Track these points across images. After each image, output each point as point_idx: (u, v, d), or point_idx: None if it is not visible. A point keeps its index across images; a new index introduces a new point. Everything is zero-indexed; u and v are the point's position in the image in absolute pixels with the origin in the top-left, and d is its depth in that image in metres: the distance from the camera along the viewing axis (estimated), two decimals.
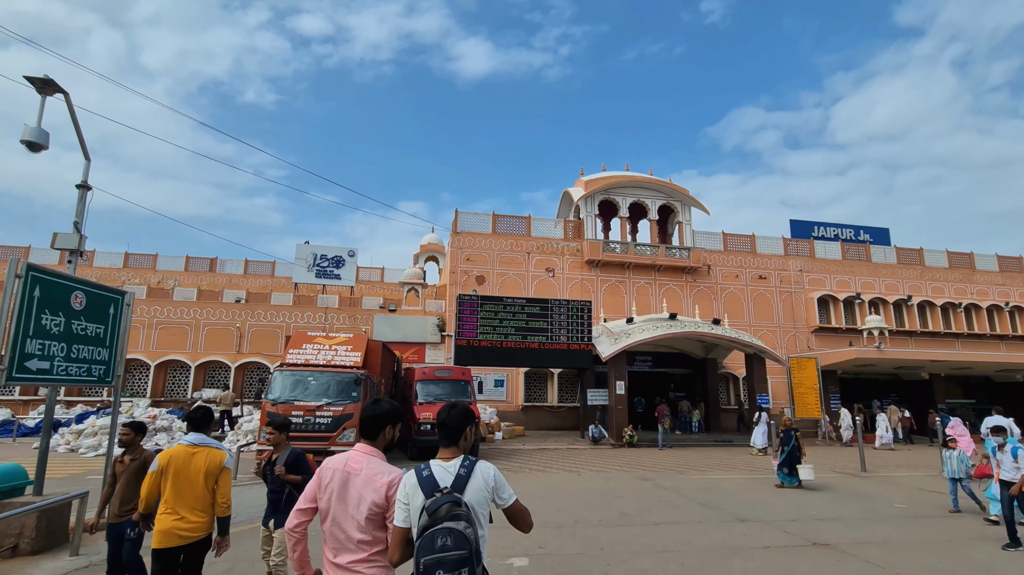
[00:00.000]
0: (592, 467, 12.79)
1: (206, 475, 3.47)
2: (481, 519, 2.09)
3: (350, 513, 2.26)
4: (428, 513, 1.96)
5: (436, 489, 2.04)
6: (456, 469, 2.15)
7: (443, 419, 2.27)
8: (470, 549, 1.90)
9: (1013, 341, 27.11)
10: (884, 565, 5.63)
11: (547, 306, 18.42)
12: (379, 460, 2.36)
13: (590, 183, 24.32)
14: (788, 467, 10.33)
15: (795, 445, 10.43)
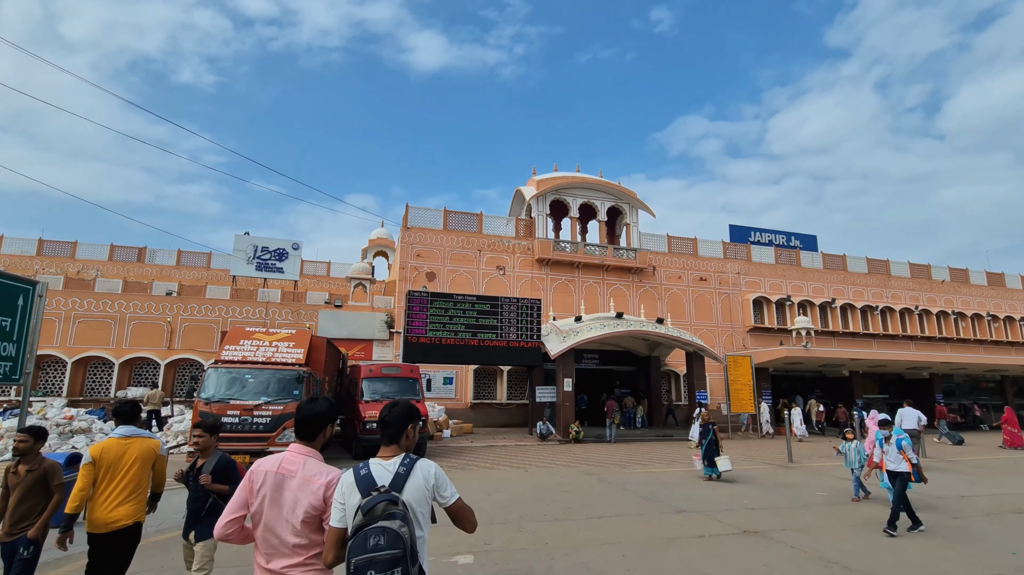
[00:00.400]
0: (539, 463, 12.95)
1: (142, 463, 3.67)
2: (420, 518, 2.06)
3: (284, 517, 2.17)
4: (363, 512, 1.92)
5: (373, 488, 2.00)
6: (395, 467, 2.11)
7: (384, 417, 2.23)
8: (404, 548, 1.87)
9: (921, 341, 29.73)
10: (807, 549, 6.03)
11: (498, 304, 18.47)
12: (316, 461, 2.28)
13: (542, 183, 24.56)
14: (708, 459, 10.71)
15: (712, 439, 10.78)
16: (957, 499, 9.15)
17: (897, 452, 7.19)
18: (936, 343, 29.94)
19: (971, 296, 32.83)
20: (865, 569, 5.38)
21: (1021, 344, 31.93)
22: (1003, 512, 8.14)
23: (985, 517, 7.80)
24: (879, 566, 5.49)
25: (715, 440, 10.81)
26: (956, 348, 30.15)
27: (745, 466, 12.99)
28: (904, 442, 7.23)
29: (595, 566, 5.37)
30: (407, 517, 1.96)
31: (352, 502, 2.01)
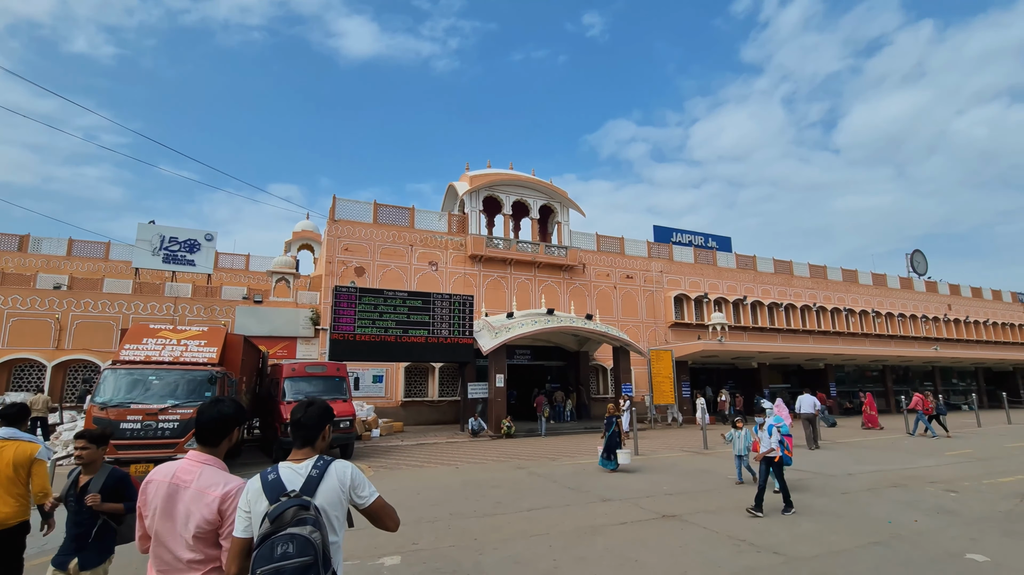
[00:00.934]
0: (470, 459, 12.93)
1: (15, 467, 3.52)
2: (334, 523, 1.98)
3: (178, 531, 1.99)
4: (270, 519, 1.81)
5: (282, 493, 1.89)
6: (307, 470, 2.01)
7: (299, 418, 2.11)
8: (315, 555, 1.78)
9: (818, 335, 32.82)
10: (718, 530, 6.47)
11: (429, 300, 18.21)
12: (215, 469, 2.12)
13: (475, 179, 24.49)
14: (608, 452, 10.79)
15: (615, 431, 10.84)
16: (845, 476, 10.20)
17: (768, 437, 7.64)
18: (830, 336, 33.17)
19: (859, 294, 36.67)
20: (767, 544, 5.86)
21: (899, 337, 36.12)
22: (882, 486, 9.17)
23: (867, 491, 8.75)
24: (779, 540, 6.00)
25: (617, 433, 10.88)
26: (847, 341, 33.55)
27: (665, 454, 13.73)
28: (773, 428, 7.69)
29: (523, 558, 5.45)
30: (319, 522, 1.87)
31: (259, 509, 1.89)
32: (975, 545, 5.74)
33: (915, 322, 37.59)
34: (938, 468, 11.05)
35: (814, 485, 9.32)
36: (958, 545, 5.75)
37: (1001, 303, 45.75)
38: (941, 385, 35.05)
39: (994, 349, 39.48)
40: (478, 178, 24.57)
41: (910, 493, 8.56)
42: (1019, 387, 37.23)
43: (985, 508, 7.48)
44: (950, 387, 36.25)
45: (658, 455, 13.59)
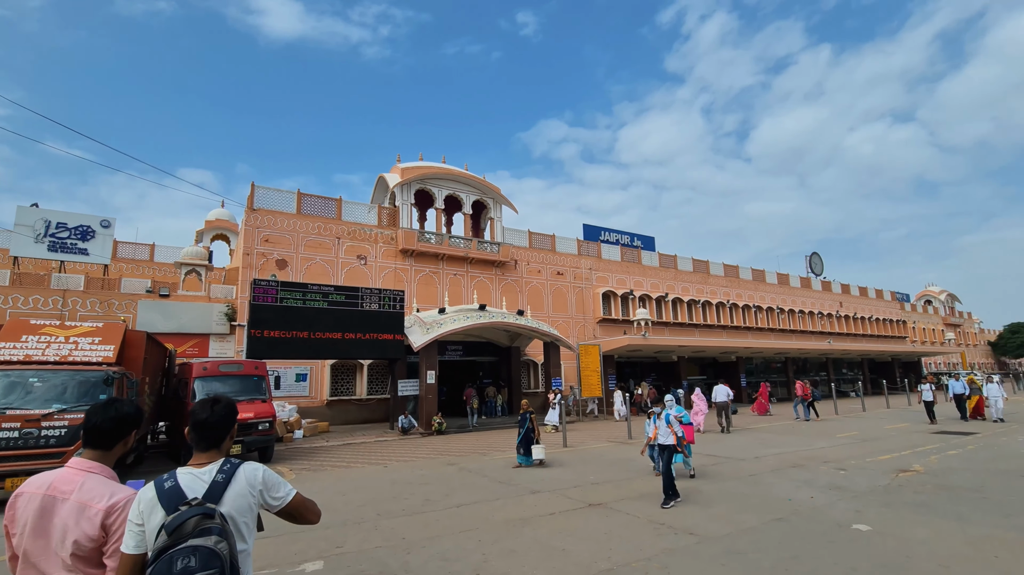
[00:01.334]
0: (400, 457, 12.66)
1: None
2: (243, 530, 1.83)
3: (53, 550, 1.75)
4: (168, 531, 1.64)
5: (182, 502, 1.72)
6: (212, 475, 1.84)
7: (204, 418, 1.93)
8: (222, 566, 1.64)
9: (732, 330, 35.31)
10: (640, 515, 6.77)
11: (358, 295, 17.57)
12: (101, 478, 1.90)
13: (407, 171, 23.93)
14: (524, 448, 10.69)
15: (529, 427, 10.73)
16: (753, 459, 11.04)
17: (666, 426, 7.83)
18: (741, 331, 35.80)
19: (766, 292, 39.85)
20: (685, 526, 6.21)
21: (799, 332, 39.67)
22: (784, 467, 10.03)
23: (772, 473, 9.52)
24: (695, 522, 6.38)
25: (532, 428, 10.75)
26: (755, 336, 36.36)
27: (593, 445, 14.18)
28: (671, 416, 7.94)
29: (452, 554, 5.40)
30: (226, 531, 1.72)
31: (154, 522, 1.70)
32: (860, 516, 6.41)
33: (812, 318, 41.44)
34: (831, 449, 12.25)
35: (727, 468, 10.01)
36: (846, 517, 6.40)
37: (883, 301, 51.58)
38: (833, 375, 38.94)
39: (876, 342, 44.43)
40: (410, 170, 24.02)
41: (808, 472, 9.42)
42: (896, 376, 42.20)
43: (869, 483, 8.38)
44: (841, 376, 40.35)
45: (586, 446, 14.01)
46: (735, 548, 5.36)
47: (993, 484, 8.06)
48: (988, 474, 8.86)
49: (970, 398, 18.45)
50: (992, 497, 7.22)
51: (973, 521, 6.09)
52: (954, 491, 7.66)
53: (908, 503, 7.02)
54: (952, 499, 7.18)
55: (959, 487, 7.91)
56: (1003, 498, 7.15)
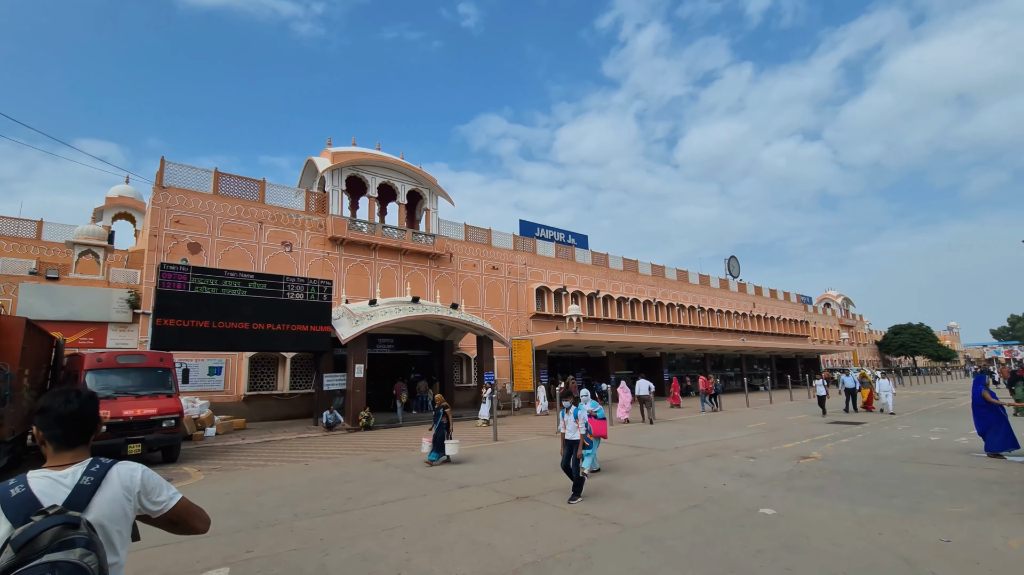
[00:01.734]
0: (323, 454, 12.09)
1: None
2: (115, 541, 1.58)
3: None
4: (15, 547, 1.37)
5: (35, 510, 1.45)
6: (76, 479, 1.58)
7: (69, 410, 1.65)
8: None
9: (657, 327, 36.98)
10: (566, 507, 6.86)
11: (281, 283, 16.58)
12: None
13: (338, 155, 22.88)
14: (436, 443, 10.28)
15: (443, 422, 10.36)
16: (673, 450, 11.58)
17: (574, 421, 7.54)
18: (665, 328, 37.60)
19: (689, 292, 42.11)
20: (608, 516, 6.36)
21: (717, 330, 42.29)
22: (701, 457, 10.58)
23: (689, 462, 10.02)
24: (618, 512, 6.55)
25: (446, 424, 10.42)
26: (678, 333, 38.34)
27: (524, 438, 14.28)
28: (580, 411, 7.64)
29: (374, 554, 5.18)
30: (94, 542, 1.47)
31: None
32: (766, 501, 6.86)
33: (729, 317, 44.32)
34: (743, 439, 13.11)
35: (649, 459, 10.41)
36: (754, 502, 6.83)
37: (789, 303, 56.16)
38: (746, 370, 41.95)
39: (783, 340, 48.31)
40: (342, 155, 22.99)
41: (721, 461, 10.00)
42: (798, 371, 46.14)
43: (774, 470, 9.03)
44: (752, 372, 43.56)
45: (516, 440, 14.09)
46: (654, 535, 5.55)
47: (878, 469, 8.94)
48: (874, 460, 9.83)
49: (861, 392, 20.48)
50: (877, 480, 8.00)
51: (861, 502, 6.70)
52: (846, 476, 8.42)
53: (808, 488, 7.61)
54: (844, 483, 7.87)
55: (850, 472, 8.70)
56: (886, 481, 7.94)
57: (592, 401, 8.97)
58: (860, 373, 22.07)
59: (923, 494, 7.04)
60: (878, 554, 4.81)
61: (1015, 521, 5.71)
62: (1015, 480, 7.72)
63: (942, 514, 6.07)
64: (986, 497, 6.79)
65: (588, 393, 9.35)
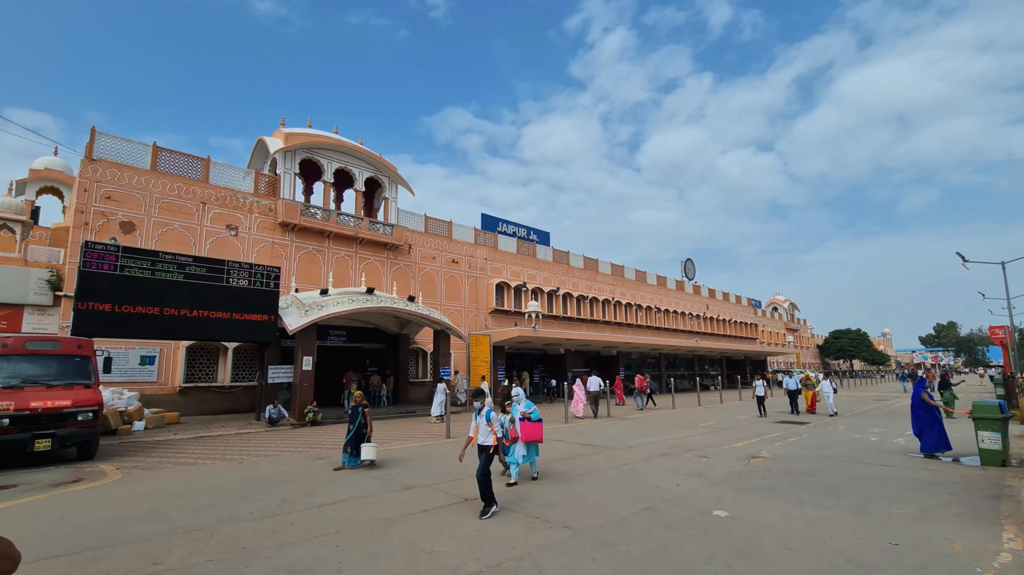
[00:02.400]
0: (262, 451, 11.34)
1: None
2: None
3: None
4: None
5: None
6: None
7: None
8: None
9: (614, 326, 37.37)
10: (516, 509, 6.54)
11: (223, 268, 15.54)
12: None
13: (292, 136, 21.74)
14: (353, 447, 9.18)
15: (362, 423, 9.38)
16: (626, 448, 11.49)
17: (486, 424, 6.82)
18: (623, 327, 38.06)
19: (647, 292, 42.81)
20: (559, 519, 6.08)
21: (672, 330, 43.20)
22: (654, 456, 10.52)
23: (643, 461, 9.92)
24: (569, 514, 6.29)
25: (365, 424, 9.40)
26: (635, 332, 38.89)
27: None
28: (491, 413, 6.87)
29: (301, 564, 4.69)
30: None
31: None
32: (718, 503, 6.77)
33: (684, 318, 45.38)
34: (695, 437, 13.21)
35: (603, 458, 10.25)
36: (707, 503, 6.72)
37: (740, 306, 58.15)
38: (698, 370, 43.09)
39: (734, 342, 49.93)
40: (296, 136, 21.86)
41: (675, 460, 9.95)
42: (747, 372, 47.81)
43: (726, 470, 9.02)
44: (704, 372, 44.80)
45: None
46: (606, 540, 5.30)
47: (824, 468, 9.09)
48: (820, 459, 10.02)
49: (805, 394, 21.14)
50: (824, 480, 8.09)
51: (810, 503, 6.70)
52: (794, 476, 8.49)
53: (758, 488, 7.60)
54: (793, 483, 7.91)
55: (798, 472, 8.80)
56: (832, 482, 8.04)
57: (527, 401, 8.24)
58: (804, 375, 22.82)
59: (868, 494, 7.13)
60: (830, 559, 4.72)
61: (955, 523, 5.80)
62: (950, 481, 7.98)
63: (887, 515, 6.12)
64: (926, 498, 6.94)
65: (521, 393, 8.83)
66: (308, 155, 22.18)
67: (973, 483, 7.77)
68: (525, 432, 8.06)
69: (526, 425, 8.12)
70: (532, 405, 8.12)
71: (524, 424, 8.11)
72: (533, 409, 8.24)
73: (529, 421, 8.18)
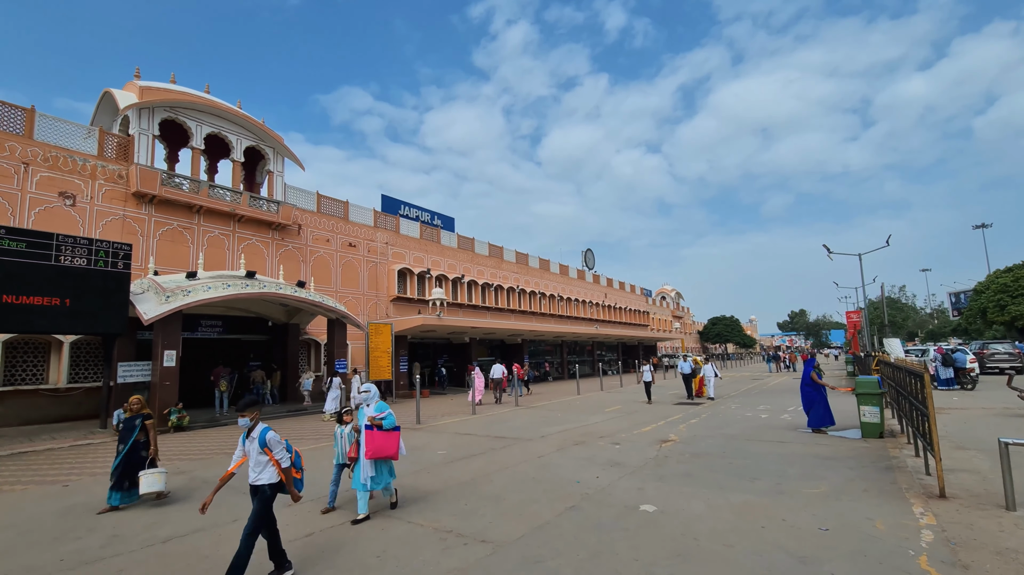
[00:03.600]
0: (100, 470, 9.16)
1: None
2: None
3: None
4: None
5: None
6: None
7: None
8: None
9: (519, 314, 37.31)
10: (423, 522, 5.58)
11: (50, 243, 12.53)
12: None
13: (150, 91, 18.31)
14: (126, 476, 6.63)
15: (141, 441, 6.90)
16: (539, 439, 10.95)
17: (259, 452, 4.33)
18: (527, 316, 38.16)
19: (550, 281, 43.39)
20: (475, 531, 5.24)
21: (574, 318, 44.30)
22: (568, 446, 10.07)
23: (558, 452, 9.41)
24: (485, 524, 5.47)
25: (144, 444, 6.92)
26: (539, 320, 39.20)
27: None
28: (270, 434, 4.37)
29: None
30: None
31: None
32: (643, 495, 6.35)
33: (584, 306, 46.77)
34: (604, 423, 13.08)
35: (516, 451, 9.58)
36: (631, 497, 6.27)
37: (634, 295, 61.48)
38: (597, 355, 44.73)
39: (629, 329, 52.58)
40: (154, 91, 18.45)
41: (589, 449, 9.57)
42: (640, 356, 50.64)
43: (640, 457, 8.78)
44: (601, 357, 46.62)
45: None
46: (533, 554, 4.55)
47: (731, 448, 9.21)
48: (723, 439, 10.23)
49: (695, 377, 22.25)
50: (735, 462, 8.10)
51: (730, 488, 6.53)
52: (706, 458, 8.44)
53: (677, 475, 7.35)
54: (708, 467, 7.80)
55: (709, 454, 8.79)
56: (742, 462, 8.07)
57: (379, 403, 6.09)
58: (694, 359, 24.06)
59: (779, 474, 7.17)
60: (770, 554, 4.38)
61: (866, 499, 5.86)
62: (844, 455, 8.38)
63: (804, 496, 6.07)
64: (831, 474, 7.11)
65: (375, 390, 6.16)
66: (171, 115, 18.84)
67: (864, 456, 8.22)
68: (372, 445, 5.73)
69: (375, 435, 5.78)
70: (386, 407, 6.01)
71: (372, 434, 5.78)
72: (387, 413, 5.91)
73: (380, 430, 5.83)
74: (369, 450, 5.74)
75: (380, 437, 5.82)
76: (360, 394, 6.43)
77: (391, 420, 5.97)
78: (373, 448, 5.75)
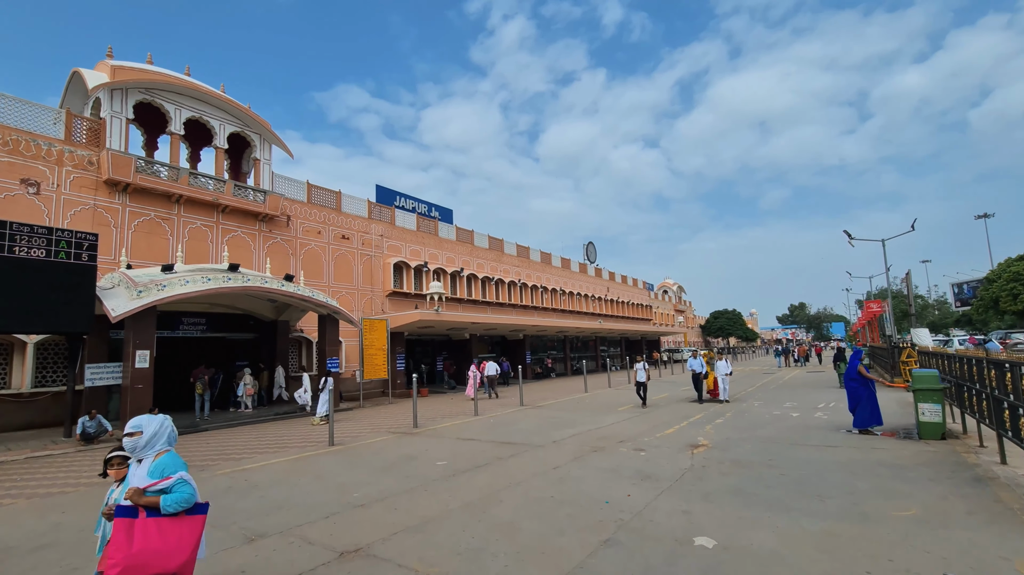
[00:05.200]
0: (44, 488, 7.91)
1: None
2: None
3: None
4: None
5: None
6: None
7: None
8: None
9: (520, 309, 36.08)
10: (416, 566, 4.35)
11: (3, 233, 11.25)
12: None
13: (123, 71, 16.96)
14: None
15: None
16: (552, 445, 9.73)
17: None
18: (529, 310, 36.93)
19: (552, 275, 42.16)
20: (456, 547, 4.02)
21: (577, 312, 43.10)
22: (585, 453, 8.85)
23: (575, 462, 8.18)
24: (498, 569, 4.26)
25: None
26: (541, 315, 37.97)
27: (370, 438, 11.38)
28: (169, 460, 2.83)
29: None
30: None
31: None
32: (691, 522, 5.13)
33: (587, 300, 45.56)
34: (619, 425, 11.87)
35: (528, 461, 8.36)
36: (679, 525, 5.05)
37: (636, 288, 60.31)
38: (600, 350, 43.55)
39: (632, 323, 51.43)
40: (127, 71, 17.10)
41: (610, 458, 8.35)
42: (643, 351, 49.48)
43: (673, 467, 7.56)
44: (604, 352, 45.44)
45: (363, 441, 11.16)
46: None
47: (774, 455, 8.00)
48: (761, 443, 9.02)
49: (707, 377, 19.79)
50: (788, 473, 6.89)
51: (798, 510, 5.32)
52: (751, 468, 7.24)
53: (725, 491, 6.15)
54: (759, 480, 6.60)
55: (752, 463, 7.59)
56: (797, 473, 6.87)
57: (168, 455, 2.99)
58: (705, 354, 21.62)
59: (848, 490, 5.97)
60: None
61: (977, 526, 4.67)
62: (913, 462, 7.18)
63: (896, 522, 4.87)
64: (912, 488, 5.91)
65: (162, 424, 3.11)
66: (147, 97, 17.50)
67: (937, 463, 7.02)
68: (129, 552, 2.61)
69: (141, 530, 2.69)
70: (178, 466, 2.92)
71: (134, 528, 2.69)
72: (177, 478, 2.85)
73: (154, 517, 2.75)
74: (121, 563, 2.58)
75: (154, 534, 2.70)
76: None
77: (183, 493, 2.82)
78: (129, 561, 2.59)
